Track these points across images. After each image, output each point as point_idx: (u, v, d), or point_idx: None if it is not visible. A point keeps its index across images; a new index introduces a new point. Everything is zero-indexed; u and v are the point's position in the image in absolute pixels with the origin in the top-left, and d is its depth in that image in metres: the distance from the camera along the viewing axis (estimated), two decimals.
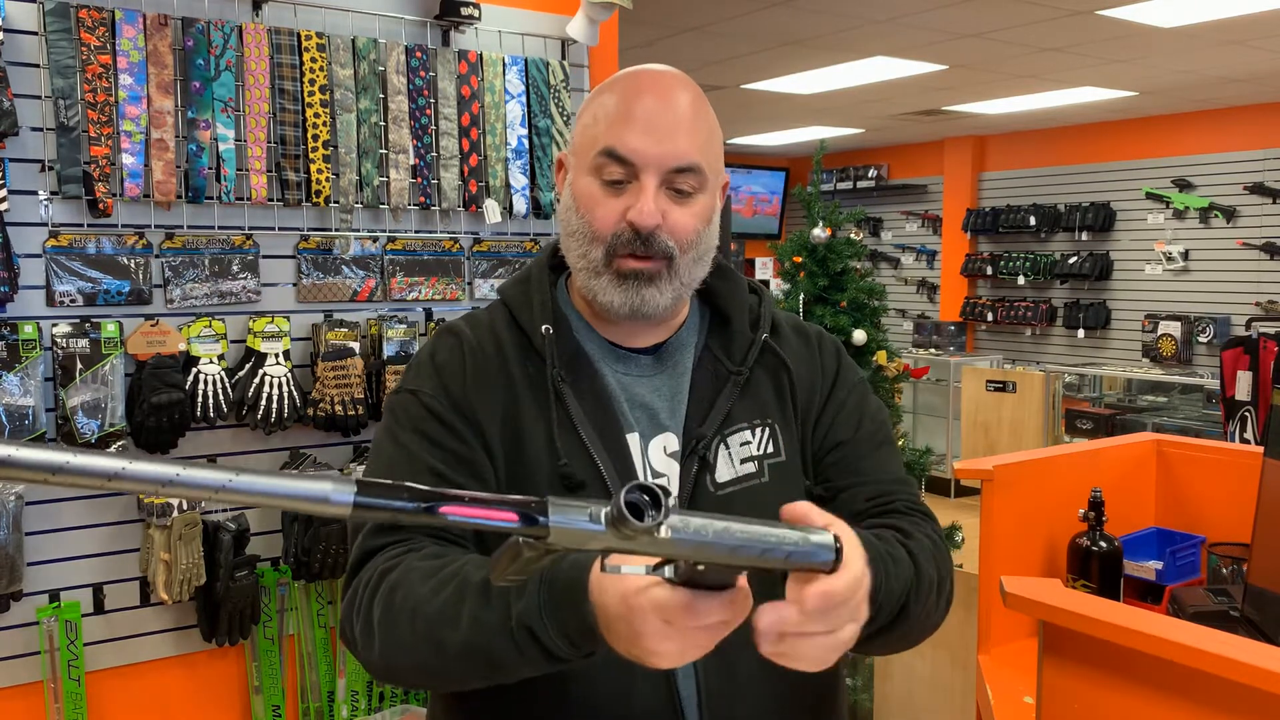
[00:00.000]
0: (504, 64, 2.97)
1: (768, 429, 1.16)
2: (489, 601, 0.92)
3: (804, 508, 0.83)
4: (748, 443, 1.15)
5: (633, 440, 1.12)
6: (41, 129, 2.38)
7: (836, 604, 0.80)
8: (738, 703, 1.08)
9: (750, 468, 1.14)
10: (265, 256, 2.69)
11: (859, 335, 3.56)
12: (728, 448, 1.14)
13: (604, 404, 1.12)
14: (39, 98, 2.38)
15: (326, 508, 0.64)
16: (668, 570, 0.80)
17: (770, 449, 1.16)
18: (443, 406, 1.11)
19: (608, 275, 1.10)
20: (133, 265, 2.51)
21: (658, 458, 1.13)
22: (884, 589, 0.98)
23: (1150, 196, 7.80)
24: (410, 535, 1.05)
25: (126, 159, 2.45)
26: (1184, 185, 7.61)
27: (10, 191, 2.34)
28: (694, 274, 1.14)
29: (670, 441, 1.14)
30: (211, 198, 2.58)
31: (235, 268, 2.64)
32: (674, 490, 1.11)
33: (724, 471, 1.13)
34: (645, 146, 1.07)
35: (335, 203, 2.74)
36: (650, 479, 1.11)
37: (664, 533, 0.71)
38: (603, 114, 1.11)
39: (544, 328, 1.13)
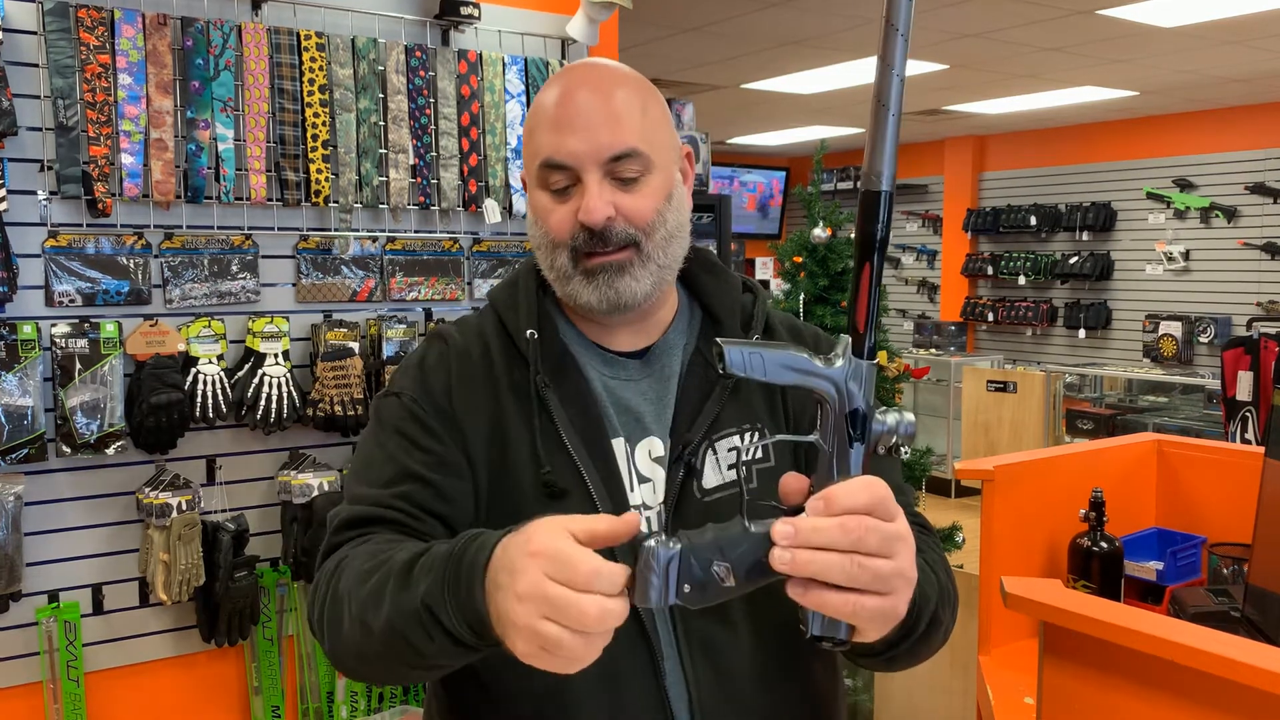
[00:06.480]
0: (504, 63, 2.97)
1: (757, 434, 1.14)
2: (406, 583, 0.91)
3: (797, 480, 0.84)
4: (736, 448, 1.12)
5: (618, 445, 1.11)
6: (41, 129, 2.38)
7: (846, 508, 0.77)
8: (730, 714, 1.06)
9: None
10: (264, 256, 2.68)
11: None
12: (715, 453, 1.11)
13: (589, 409, 1.11)
14: (38, 97, 2.37)
15: None
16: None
17: (759, 455, 1.14)
18: (424, 410, 1.10)
19: (578, 277, 1.09)
20: (132, 265, 2.50)
21: (644, 463, 1.11)
22: (918, 593, 0.92)
23: (1151, 196, 7.80)
24: (375, 530, 1.03)
25: (125, 159, 2.45)
26: (1185, 185, 7.60)
27: (9, 191, 2.34)
28: (670, 254, 1.12)
29: (656, 446, 1.12)
30: (211, 198, 2.58)
31: (234, 268, 2.64)
32: (659, 495, 1.10)
33: (711, 478, 1.11)
34: (576, 146, 1.06)
35: (335, 203, 2.74)
36: (636, 485, 1.10)
37: None
38: (535, 125, 1.11)
39: (528, 332, 1.13)
